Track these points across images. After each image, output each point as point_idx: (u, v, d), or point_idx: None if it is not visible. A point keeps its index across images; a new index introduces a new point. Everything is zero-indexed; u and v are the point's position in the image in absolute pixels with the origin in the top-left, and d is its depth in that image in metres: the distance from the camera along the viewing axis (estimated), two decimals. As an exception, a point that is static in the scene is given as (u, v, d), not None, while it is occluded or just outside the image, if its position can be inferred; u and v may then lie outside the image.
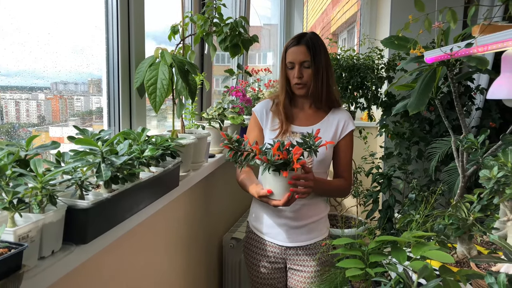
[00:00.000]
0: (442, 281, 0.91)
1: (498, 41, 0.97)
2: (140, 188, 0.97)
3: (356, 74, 2.77)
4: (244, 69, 2.29)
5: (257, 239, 1.68)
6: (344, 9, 5.12)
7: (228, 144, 1.34)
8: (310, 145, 1.39)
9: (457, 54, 1.10)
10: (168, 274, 1.49)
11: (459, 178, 1.92)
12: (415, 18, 1.20)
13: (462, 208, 1.35)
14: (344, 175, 1.66)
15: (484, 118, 2.79)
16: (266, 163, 1.32)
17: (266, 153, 1.33)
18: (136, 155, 1.00)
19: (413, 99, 1.58)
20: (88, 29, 1.30)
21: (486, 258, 0.88)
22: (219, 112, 1.74)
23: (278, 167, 1.32)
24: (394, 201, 2.65)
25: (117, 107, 1.34)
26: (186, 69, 1.32)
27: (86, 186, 0.83)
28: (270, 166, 1.32)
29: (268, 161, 1.31)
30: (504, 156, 1.16)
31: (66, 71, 1.18)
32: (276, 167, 1.32)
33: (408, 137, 2.75)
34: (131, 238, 1.18)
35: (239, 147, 1.35)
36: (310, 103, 1.66)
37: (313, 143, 1.39)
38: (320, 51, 1.59)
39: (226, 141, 1.34)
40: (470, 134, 1.59)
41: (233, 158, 1.35)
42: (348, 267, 1.05)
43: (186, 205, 1.63)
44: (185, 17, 1.48)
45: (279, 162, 1.30)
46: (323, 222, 1.66)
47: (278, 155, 1.30)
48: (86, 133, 0.99)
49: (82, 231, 0.79)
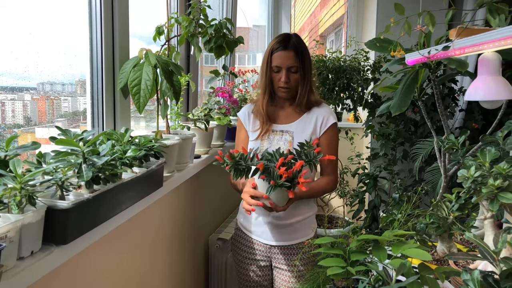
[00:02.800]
0: (420, 278, 0.93)
1: (474, 44, 1.00)
2: (122, 189, 0.97)
3: (342, 76, 2.80)
4: (230, 70, 2.30)
5: (244, 236, 1.70)
6: (332, 11, 5.16)
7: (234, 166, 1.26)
8: (311, 158, 1.34)
9: (435, 56, 1.12)
10: (153, 275, 1.49)
11: (442, 178, 1.95)
12: (396, 21, 1.22)
13: (442, 207, 1.38)
14: (328, 170, 1.66)
15: (467, 120, 2.84)
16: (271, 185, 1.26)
17: (269, 171, 1.26)
18: (119, 155, 1.00)
19: (396, 100, 1.60)
20: (70, 29, 1.30)
21: (462, 256, 0.90)
22: (205, 113, 1.74)
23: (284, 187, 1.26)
24: (379, 201, 2.68)
25: (101, 107, 1.34)
26: (170, 70, 1.32)
27: (67, 186, 0.83)
28: (271, 188, 1.25)
29: (275, 184, 1.24)
30: (482, 156, 1.19)
31: (49, 72, 1.18)
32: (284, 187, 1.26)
33: (394, 138, 2.79)
34: (114, 238, 1.18)
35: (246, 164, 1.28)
36: (290, 102, 1.68)
37: (313, 156, 1.34)
38: (306, 56, 1.62)
39: (231, 162, 1.26)
40: (451, 135, 1.61)
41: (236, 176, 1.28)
42: (329, 265, 1.06)
43: (171, 205, 1.63)
44: (170, 18, 1.49)
45: (286, 185, 1.25)
46: (308, 223, 1.67)
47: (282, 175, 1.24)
48: (68, 134, 0.98)
49: (62, 231, 0.79)
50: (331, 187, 1.66)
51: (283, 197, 1.35)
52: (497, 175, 1.10)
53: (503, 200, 1.03)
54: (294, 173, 1.25)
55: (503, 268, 0.83)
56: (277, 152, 1.31)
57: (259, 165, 1.25)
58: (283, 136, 1.63)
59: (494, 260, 0.85)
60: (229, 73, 2.24)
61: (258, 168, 1.26)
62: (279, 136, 1.63)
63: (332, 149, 1.66)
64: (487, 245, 0.93)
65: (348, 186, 3.13)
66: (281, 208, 1.38)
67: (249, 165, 1.28)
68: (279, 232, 1.62)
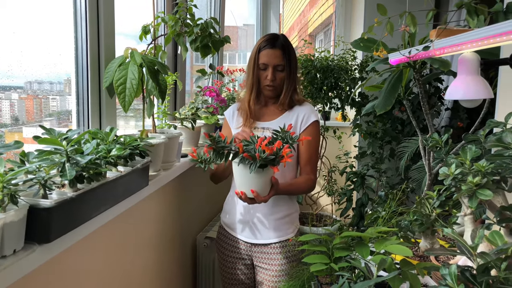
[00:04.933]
0: (402, 273, 0.95)
1: (453, 45, 1.02)
2: (106, 188, 0.98)
3: (330, 75, 2.82)
4: (217, 70, 2.30)
5: (226, 234, 1.71)
6: (321, 11, 5.19)
7: (212, 146, 1.26)
8: (288, 140, 1.34)
9: (416, 57, 1.14)
10: (139, 274, 1.49)
11: (426, 176, 1.99)
12: (379, 21, 1.24)
13: (426, 204, 1.41)
14: (307, 169, 1.66)
15: (453, 118, 2.88)
16: (249, 160, 1.26)
17: (250, 151, 1.26)
18: (103, 154, 1.00)
19: (380, 100, 1.63)
20: (55, 27, 1.29)
21: (440, 251, 0.92)
22: (192, 112, 1.75)
23: (268, 163, 1.26)
24: (367, 199, 2.71)
25: (86, 106, 1.33)
26: (156, 69, 1.32)
27: (50, 185, 0.83)
28: (256, 164, 1.25)
29: (260, 158, 1.23)
30: (463, 154, 1.21)
31: (33, 71, 1.17)
32: (266, 163, 1.26)
33: (381, 136, 2.82)
34: (99, 237, 1.18)
35: (224, 146, 1.27)
36: (273, 100, 1.70)
37: (290, 137, 1.35)
38: (292, 55, 1.64)
39: (210, 142, 1.25)
40: (434, 134, 1.64)
41: (213, 157, 1.27)
42: (313, 262, 1.08)
43: (158, 204, 1.63)
44: (156, 17, 1.49)
45: (270, 158, 1.24)
46: (290, 222, 1.67)
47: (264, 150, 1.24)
48: (52, 133, 0.98)
49: (45, 230, 0.80)
50: (310, 186, 1.65)
51: (265, 183, 1.34)
52: (477, 172, 1.12)
53: (481, 197, 1.06)
54: (276, 150, 1.25)
55: (480, 262, 0.85)
56: (254, 137, 1.31)
57: (239, 145, 1.25)
58: (263, 132, 1.64)
59: (472, 255, 0.87)
60: (215, 72, 2.25)
61: (237, 152, 1.25)
62: (260, 133, 1.65)
63: (312, 147, 1.66)
64: (465, 240, 0.95)
65: (336, 184, 3.15)
66: (263, 198, 1.36)
67: (229, 147, 1.26)
68: (260, 230, 1.63)
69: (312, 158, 1.68)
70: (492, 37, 0.89)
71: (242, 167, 1.30)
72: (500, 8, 1.08)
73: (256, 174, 1.29)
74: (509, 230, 1.14)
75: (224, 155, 1.27)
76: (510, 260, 0.83)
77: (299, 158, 1.68)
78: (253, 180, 1.33)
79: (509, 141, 1.15)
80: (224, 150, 1.27)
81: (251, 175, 1.29)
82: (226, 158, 1.28)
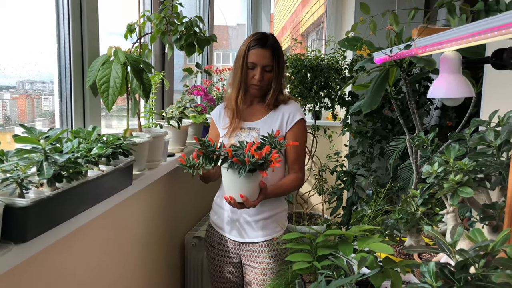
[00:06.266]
0: (384, 271, 0.96)
1: (435, 43, 1.02)
2: (87, 187, 0.97)
3: (320, 75, 2.83)
4: (204, 68, 2.30)
5: (216, 233, 1.71)
6: (312, 10, 5.20)
7: (202, 150, 1.26)
8: (276, 145, 1.36)
9: (397, 55, 1.15)
10: (124, 274, 1.48)
11: (414, 175, 2.00)
12: (363, 20, 1.25)
13: (411, 203, 1.41)
14: (295, 167, 1.67)
15: (442, 117, 2.90)
16: (238, 165, 1.27)
17: (240, 156, 1.28)
18: (83, 153, 1.00)
19: (367, 99, 1.63)
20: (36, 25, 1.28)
21: (419, 248, 0.93)
22: (179, 111, 1.74)
23: (257, 168, 1.28)
24: (357, 198, 2.72)
25: (70, 106, 1.32)
26: (140, 68, 1.32)
27: (26, 184, 0.82)
28: (245, 168, 1.26)
29: (249, 163, 1.25)
30: (447, 153, 1.22)
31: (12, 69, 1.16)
32: (257, 167, 1.28)
33: (371, 135, 2.83)
34: (81, 236, 1.17)
35: (214, 151, 1.28)
36: (258, 100, 1.70)
37: (278, 142, 1.37)
38: (281, 57, 1.64)
39: (199, 147, 1.26)
40: (421, 133, 1.65)
41: (203, 161, 1.27)
42: (296, 260, 1.08)
43: (143, 204, 1.62)
44: (142, 15, 1.48)
45: (259, 163, 1.26)
46: (278, 220, 1.68)
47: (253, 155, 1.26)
48: (33, 132, 0.98)
49: (21, 229, 0.79)
50: (298, 185, 1.67)
51: (254, 188, 1.36)
52: (459, 170, 1.13)
53: (462, 195, 1.06)
54: (264, 155, 1.27)
55: (458, 259, 0.85)
56: (243, 143, 1.32)
57: (228, 149, 1.26)
58: (250, 133, 1.64)
59: (451, 252, 0.88)
60: (202, 71, 2.24)
61: (227, 157, 1.27)
62: (246, 133, 1.64)
63: (299, 145, 1.67)
64: (444, 238, 0.96)
65: (326, 183, 3.16)
66: (252, 202, 1.38)
67: (219, 152, 1.27)
68: (248, 229, 1.64)
69: (300, 156, 1.68)
70: (472, 35, 0.89)
71: (231, 172, 1.30)
72: (482, 7, 1.08)
73: (245, 178, 1.30)
74: (492, 227, 1.14)
75: (213, 160, 1.28)
76: (488, 257, 0.83)
77: (286, 156, 1.68)
78: (242, 185, 1.33)
79: (491, 139, 1.15)
80: (213, 154, 1.28)
81: (240, 179, 1.30)
82: (215, 163, 1.29)
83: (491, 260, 0.81)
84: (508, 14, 0.75)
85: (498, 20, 0.78)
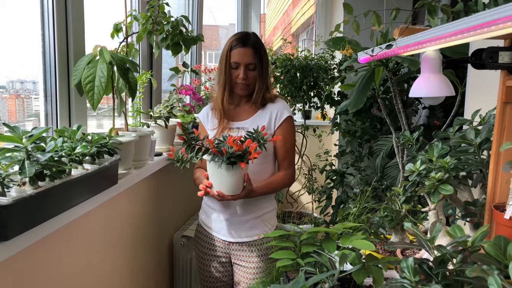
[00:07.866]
0: (366, 267, 0.97)
1: (416, 43, 1.04)
2: (70, 185, 0.97)
3: (309, 74, 2.84)
4: (191, 68, 2.30)
5: (205, 233, 1.71)
6: (303, 10, 5.22)
7: (183, 135, 1.30)
8: (259, 139, 1.39)
9: (379, 55, 1.16)
10: (112, 274, 1.48)
11: (400, 173, 2.02)
12: (347, 20, 1.26)
13: (396, 201, 1.43)
14: (284, 164, 1.68)
15: (430, 117, 2.93)
16: (220, 157, 1.31)
17: (219, 147, 1.32)
18: (67, 152, 1.00)
19: (352, 98, 1.65)
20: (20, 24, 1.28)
21: (399, 245, 0.94)
22: (167, 110, 1.74)
23: (235, 160, 1.31)
24: (346, 196, 2.74)
25: (55, 105, 1.32)
26: (126, 67, 1.32)
27: (7, 182, 0.82)
28: (224, 160, 1.31)
29: (226, 153, 1.29)
30: (430, 151, 1.24)
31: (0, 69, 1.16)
32: (234, 159, 1.31)
33: (360, 135, 2.85)
34: (65, 235, 1.16)
35: (195, 140, 1.32)
36: (246, 99, 1.70)
37: (261, 138, 1.39)
38: (264, 54, 1.65)
39: (182, 132, 1.30)
40: (406, 131, 1.67)
41: (187, 151, 1.33)
42: (279, 258, 1.09)
43: (130, 203, 1.62)
44: (128, 15, 1.48)
45: (237, 154, 1.30)
46: (267, 219, 1.68)
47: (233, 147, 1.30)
48: (16, 131, 0.97)
49: (2, 227, 0.79)
50: (288, 181, 1.69)
51: (237, 181, 1.39)
52: (440, 168, 1.15)
53: (443, 192, 1.08)
54: (244, 148, 1.31)
55: (437, 255, 0.87)
56: (226, 136, 1.37)
57: (209, 140, 1.31)
58: (239, 132, 1.64)
59: (430, 248, 0.89)
60: (189, 71, 2.25)
61: (209, 148, 1.31)
62: (235, 133, 1.65)
63: (288, 142, 1.68)
64: (426, 235, 0.97)
65: (316, 182, 3.18)
66: (230, 197, 1.42)
67: (201, 141, 1.32)
68: (237, 229, 1.64)
69: (289, 153, 1.70)
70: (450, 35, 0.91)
71: (213, 164, 1.33)
72: (461, 8, 1.10)
73: (226, 171, 1.33)
74: (474, 224, 1.16)
75: (195, 149, 1.32)
76: (466, 252, 0.85)
77: (276, 154, 1.69)
78: (224, 178, 1.36)
79: (472, 138, 1.18)
80: (195, 143, 1.32)
81: (222, 172, 1.34)
82: (197, 153, 1.32)
83: (468, 255, 0.83)
84: (483, 14, 0.76)
85: (474, 20, 0.80)
